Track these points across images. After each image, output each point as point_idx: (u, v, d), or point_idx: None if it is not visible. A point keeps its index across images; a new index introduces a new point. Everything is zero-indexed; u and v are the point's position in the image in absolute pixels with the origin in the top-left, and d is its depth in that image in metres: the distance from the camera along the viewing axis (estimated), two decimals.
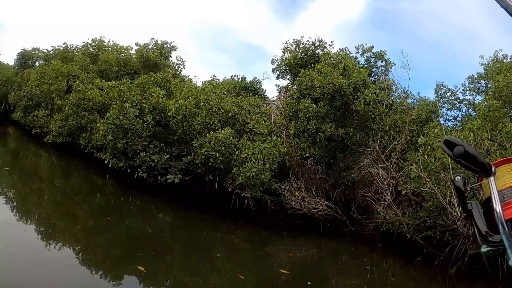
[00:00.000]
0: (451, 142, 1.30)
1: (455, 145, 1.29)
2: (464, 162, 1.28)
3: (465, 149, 1.26)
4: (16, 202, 12.13)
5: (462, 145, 1.27)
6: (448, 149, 1.31)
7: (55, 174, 18.69)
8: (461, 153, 1.27)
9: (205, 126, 14.08)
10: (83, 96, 19.00)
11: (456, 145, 1.29)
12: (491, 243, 1.26)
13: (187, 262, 9.43)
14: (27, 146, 25.86)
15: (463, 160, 1.27)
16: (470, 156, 1.26)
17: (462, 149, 1.27)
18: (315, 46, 16.77)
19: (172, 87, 17.37)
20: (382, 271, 11.48)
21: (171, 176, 13.66)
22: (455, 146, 1.29)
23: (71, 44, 32.24)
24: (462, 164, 1.29)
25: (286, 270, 9.31)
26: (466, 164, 1.28)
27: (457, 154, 1.28)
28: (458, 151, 1.28)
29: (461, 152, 1.27)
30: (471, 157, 1.26)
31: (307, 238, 13.11)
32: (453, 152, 1.29)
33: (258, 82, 22.77)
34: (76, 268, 7.78)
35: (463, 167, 1.30)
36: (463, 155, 1.27)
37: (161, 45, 26.71)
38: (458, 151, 1.28)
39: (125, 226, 11.63)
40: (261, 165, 12.44)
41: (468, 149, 1.26)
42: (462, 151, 1.27)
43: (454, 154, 1.29)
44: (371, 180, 12.80)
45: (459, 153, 1.27)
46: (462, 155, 1.27)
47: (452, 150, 1.29)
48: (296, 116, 13.45)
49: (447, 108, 17.15)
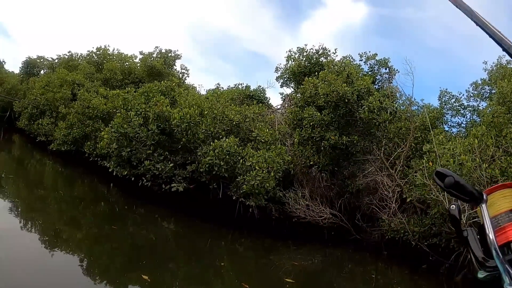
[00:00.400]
0: (442, 173, 1.34)
1: (446, 176, 1.33)
2: (454, 192, 1.32)
3: (455, 180, 1.31)
4: (20, 210, 12.16)
5: (452, 176, 1.32)
6: (439, 180, 1.35)
7: (59, 182, 18.73)
8: (451, 184, 1.31)
9: (209, 134, 14.09)
10: (87, 105, 19.07)
11: (447, 176, 1.33)
12: (488, 268, 1.29)
13: (191, 271, 9.41)
14: (32, 154, 25.93)
15: (453, 190, 1.32)
16: (460, 186, 1.31)
17: (452, 179, 1.31)
18: (318, 54, 16.82)
19: (177, 95, 17.43)
20: (387, 279, 11.41)
21: (176, 185, 13.66)
22: (445, 177, 1.33)
23: (76, 52, 32.49)
24: (453, 194, 1.33)
25: (291, 278, 9.25)
26: (456, 194, 1.32)
27: (448, 185, 1.32)
28: (449, 182, 1.32)
29: (451, 182, 1.31)
30: (461, 187, 1.31)
31: (311, 246, 13.05)
32: (444, 183, 1.32)
33: (262, 91, 22.82)
34: (80, 276, 7.76)
35: (453, 197, 1.35)
36: (453, 186, 1.31)
37: (165, 53, 26.85)
38: (449, 182, 1.32)
39: (129, 234, 11.62)
40: (265, 174, 12.43)
41: (457, 180, 1.31)
42: (452, 182, 1.31)
43: (445, 184, 1.32)
44: (375, 188, 12.75)
45: (450, 183, 1.32)
46: (452, 185, 1.31)
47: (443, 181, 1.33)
48: (300, 124, 13.44)
49: (451, 115, 17.13)
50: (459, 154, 10.00)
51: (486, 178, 9.48)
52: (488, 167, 9.62)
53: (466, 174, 9.72)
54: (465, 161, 9.73)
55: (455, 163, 9.83)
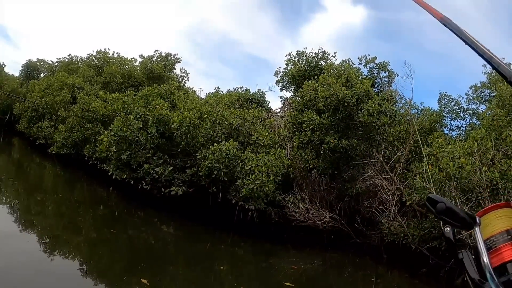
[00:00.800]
0: (433, 200, 1.35)
1: (437, 202, 1.34)
2: (446, 218, 1.33)
3: (446, 206, 1.32)
4: (19, 213, 12.15)
5: (443, 202, 1.33)
6: (431, 206, 1.36)
7: (58, 185, 18.72)
8: (443, 210, 1.32)
9: (208, 138, 14.09)
10: (87, 108, 19.07)
11: (438, 202, 1.34)
12: None
13: (190, 274, 9.38)
14: (31, 157, 25.94)
15: (445, 217, 1.33)
16: (451, 212, 1.32)
17: (444, 206, 1.32)
18: (318, 58, 16.83)
19: (176, 99, 17.43)
20: (387, 282, 11.39)
21: (175, 188, 13.64)
22: (437, 203, 1.34)
23: (76, 56, 32.46)
24: (444, 220, 1.34)
25: (290, 282, 9.24)
26: (448, 220, 1.33)
27: (439, 211, 1.33)
28: (440, 208, 1.33)
29: (442, 208, 1.32)
30: (453, 213, 1.32)
31: (311, 250, 13.03)
32: (436, 209, 1.34)
33: (261, 94, 22.84)
34: (79, 280, 7.75)
35: (445, 223, 1.36)
36: (445, 212, 1.32)
37: (165, 57, 26.89)
38: (440, 208, 1.33)
39: (128, 238, 11.61)
40: (265, 177, 12.42)
41: (449, 206, 1.32)
42: (444, 208, 1.32)
43: (437, 211, 1.34)
44: (375, 191, 12.73)
45: (441, 209, 1.33)
46: (444, 211, 1.32)
47: (435, 207, 1.34)
48: (299, 128, 13.44)
49: (451, 118, 17.13)
50: (458, 157, 10.00)
51: (485, 181, 9.48)
52: (487, 170, 9.61)
53: (466, 177, 9.72)
54: (464, 164, 9.73)
55: (455, 166, 9.83)
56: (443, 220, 1.34)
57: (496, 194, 9.49)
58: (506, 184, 9.24)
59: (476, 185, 9.64)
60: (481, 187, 9.55)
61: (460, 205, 9.56)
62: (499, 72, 1.38)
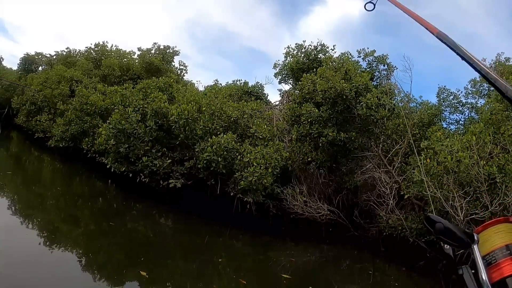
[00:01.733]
0: (432, 220, 1.39)
1: (436, 222, 1.37)
2: (444, 238, 1.36)
3: (444, 226, 1.35)
4: (18, 206, 12.13)
5: (441, 222, 1.36)
6: (429, 226, 1.40)
7: (57, 179, 18.71)
8: (441, 230, 1.36)
9: (207, 130, 14.07)
10: (85, 101, 19.03)
11: (436, 222, 1.37)
12: None
13: (189, 267, 9.40)
14: (30, 151, 25.89)
15: (443, 236, 1.36)
16: (449, 232, 1.35)
17: (442, 226, 1.36)
18: (317, 51, 16.80)
19: (174, 91, 17.40)
20: (384, 275, 11.43)
21: (173, 181, 13.65)
22: (435, 223, 1.37)
23: (74, 49, 32.35)
24: (443, 240, 1.38)
25: (288, 275, 9.27)
26: (446, 239, 1.37)
27: (438, 231, 1.36)
28: (438, 228, 1.36)
29: (441, 228, 1.36)
30: (451, 233, 1.35)
31: (309, 242, 13.07)
32: (434, 229, 1.37)
33: (260, 87, 22.81)
34: (78, 272, 7.76)
35: (444, 243, 1.40)
36: (443, 232, 1.35)
37: (164, 50, 26.79)
38: (438, 228, 1.36)
39: (127, 231, 11.62)
40: (263, 170, 12.43)
41: (447, 226, 1.35)
42: (442, 228, 1.35)
43: (435, 231, 1.37)
44: (373, 185, 12.77)
45: (439, 229, 1.36)
46: (442, 231, 1.35)
47: (434, 227, 1.37)
48: (298, 121, 13.44)
49: (449, 112, 17.14)
50: (457, 151, 10.02)
51: (483, 175, 9.51)
52: (486, 164, 9.64)
53: (464, 171, 9.75)
54: (462, 158, 9.75)
55: (453, 160, 9.85)
56: (441, 240, 1.37)
57: (494, 188, 9.53)
58: (504, 178, 9.27)
59: (474, 179, 9.67)
60: (479, 181, 9.58)
61: (458, 199, 9.60)
62: (496, 87, 1.39)
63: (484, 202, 9.44)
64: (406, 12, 2.34)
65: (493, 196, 9.41)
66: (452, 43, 1.64)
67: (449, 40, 1.66)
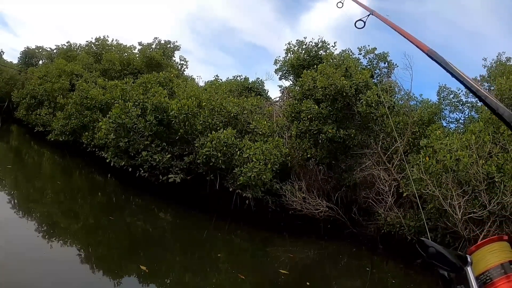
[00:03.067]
0: (425, 244, 1.41)
1: (428, 247, 1.39)
2: (437, 263, 1.38)
3: (437, 250, 1.37)
4: (17, 200, 12.15)
5: (434, 247, 1.38)
6: (422, 250, 1.42)
7: (57, 173, 18.71)
8: (433, 254, 1.37)
9: (207, 126, 14.09)
10: (86, 95, 19.01)
11: (429, 247, 1.39)
12: None
13: (188, 262, 9.45)
14: (30, 144, 25.88)
15: (436, 261, 1.38)
16: (442, 257, 1.37)
17: (434, 250, 1.37)
18: (318, 47, 16.79)
19: (175, 86, 17.41)
20: (382, 272, 11.47)
21: (173, 176, 13.68)
22: (428, 247, 1.39)
23: (75, 43, 32.32)
24: (435, 264, 1.39)
25: (286, 270, 9.31)
26: (438, 264, 1.38)
27: (430, 255, 1.38)
28: (431, 252, 1.38)
29: (433, 253, 1.37)
30: (443, 257, 1.37)
31: (307, 239, 13.10)
32: (427, 254, 1.39)
33: (260, 83, 22.83)
34: (77, 267, 7.78)
35: (437, 267, 1.40)
36: (435, 256, 1.37)
37: (164, 45, 26.77)
38: (431, 252, 1.38)
39: (126, 225, 11.65)
40: (262, 166, 12.45)
41: (439, 250, 1.37)
42: (434, 252, 1.37)
43: (427, 255, 1.39)
44: (372, 182, 12.77)
45: (432, 254, 1.38)
46: (434, 255, 1.37)
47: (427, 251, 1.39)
48: (298, 117, 13.44)
49: (449, 110, 17.11)
50: (456, 150, 10.03)
51: (482, 174, 9.52)
52: (484, 163, 9.65)
53: (463, 170, 9.76)
54: (462, 156, 9.76)
55: (452, 158, 9.86)
56: (434, 264, 1.38)
57: (492, 187, 9.54)
58: (502, 178, 9.29)
59: (472, 178, 9.68)
60: (477, 180, 9.59)
61: (456, 198, 9.61)
62: (487, 104, 1.40)
63: (482, 201, 9.46)
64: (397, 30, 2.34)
65: (492, 195, 9.42)
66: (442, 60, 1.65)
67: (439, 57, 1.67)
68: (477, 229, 9.57)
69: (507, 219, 9.34)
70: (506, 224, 9.39)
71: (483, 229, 9.46)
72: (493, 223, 9.42)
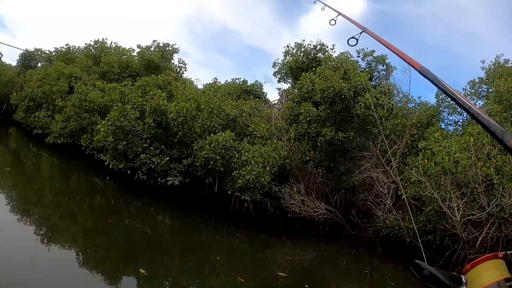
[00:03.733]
0: (419, 266, 1.41)
1: (422, 269, 1.40)
2: (431, 285, 1.37)
3: (431, 273, 1.37)
4: (15, 203, 12.12)
5: (427, 268, 1.38)
6: (416, 273, 1.42)
7: (55, 175, 18.68)
8: (427, 276, 1.37)
9: (205, 128, 14.08)
10: (84, 98, 19.01)
11: (423, 269, 1.39)
12: None
13: (187, 265, 9.42)
14: (28, 147, 25.84)
15: (429, 283, 1.37)
16: (436, 279, 1.37)
17: (428, 272, 1.38)
18: (316, 50, 16.84)
19: (173, 89, 17.41)
20: (381, 275, 11.45)
21: (171, 178, 13.66)
22: (422, 270, 1.40)
23: (73, 45, 32.36)
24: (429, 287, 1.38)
25: (285, 273, 9.29)
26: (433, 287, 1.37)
27: (424, 277, 1.38)
28: (425, 274, 1.38)
29: (427, 275, 1.38)
30: (437, 279, 1.37)
31: (306, 241, 13.09)
32: (421, 276, 1.39)
33: (259, 85, 22.85)
34: (76, 270, 7.75)
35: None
36: (429, 278, 1.37)
37: (163, 47, 26.75)
38: (425, 274, 1.38)
39: (124, 228, 11.62)
40: (261, 168, 12.45)
41: (433, 273, 1.37)
42: (428, 274, 1.37)
43: (422, 277, 1.39)
44: (371, 184, 12.77)
45: (426, 276, 1.38)
46: (428, 278, 1.37)
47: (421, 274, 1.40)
48: (296, 120, 13.46)
49: (448, 113, 17.15)
50: (454, 152, 10.04)
51: (481, 176, 9.53)
52: (483, 165, 9.66)
53: (461, 172, 9.77)
54: (460, 159, 9.77)
55: (451, 160, 9.87)
56: (427, 286, 1.38)
57: (491, 190, 9.55)
58: (501, 180, 9.30)
59: (471, 180, 9.69)
60: (476, 182, 9.60)
61: (455, 200, 9.62)
62: (479, 121, 1.40)
63: (481, 203, 9.46)
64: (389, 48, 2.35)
65: (490, 197, 9.43)
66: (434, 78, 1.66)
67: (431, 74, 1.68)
68: (476, 231, 9.57)
69: (506, 221, 9.35)
70: (505, 226, 9.40)
71: (482, 231, 9.47)
72: (492, 225, 9.43)
